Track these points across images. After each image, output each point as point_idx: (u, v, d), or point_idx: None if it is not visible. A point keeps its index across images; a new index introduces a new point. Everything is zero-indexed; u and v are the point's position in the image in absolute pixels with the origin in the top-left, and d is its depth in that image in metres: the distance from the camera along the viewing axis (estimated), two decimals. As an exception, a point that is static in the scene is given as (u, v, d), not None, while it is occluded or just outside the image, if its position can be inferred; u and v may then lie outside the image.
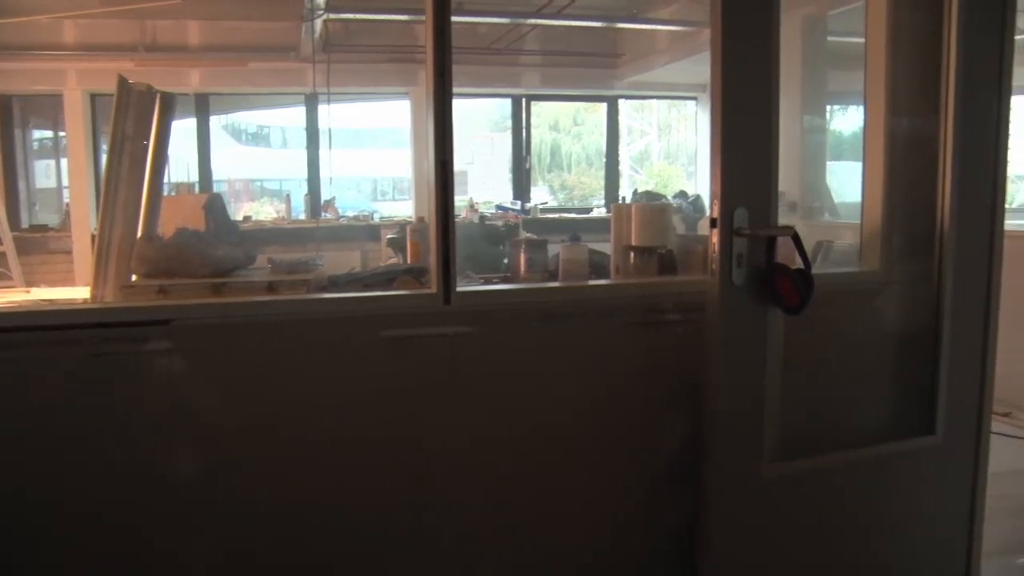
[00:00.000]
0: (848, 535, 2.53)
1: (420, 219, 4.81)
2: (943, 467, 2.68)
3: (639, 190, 8.27)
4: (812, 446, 2.45)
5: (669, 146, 12.20)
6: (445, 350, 2.21)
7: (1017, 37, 2.69)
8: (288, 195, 9.26)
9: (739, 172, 2.07)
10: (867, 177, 2.60)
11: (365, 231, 7.90)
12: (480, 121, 11.57)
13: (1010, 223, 6.59)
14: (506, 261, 3.04)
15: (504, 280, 2.83)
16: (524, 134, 9.50)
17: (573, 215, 9.26)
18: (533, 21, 7.72)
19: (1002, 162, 2.64)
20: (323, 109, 8.56)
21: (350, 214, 8.97)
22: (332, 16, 7.26)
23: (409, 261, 3.06)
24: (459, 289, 2.23)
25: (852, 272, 2.69)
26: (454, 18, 2.26)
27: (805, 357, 2.52)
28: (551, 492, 2.32)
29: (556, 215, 9.17)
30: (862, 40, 2.68)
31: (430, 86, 2.22)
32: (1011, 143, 2.71)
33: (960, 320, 2.60)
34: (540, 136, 11.76)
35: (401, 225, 4.64)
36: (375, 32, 7.99)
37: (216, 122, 9.89)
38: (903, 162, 2.60)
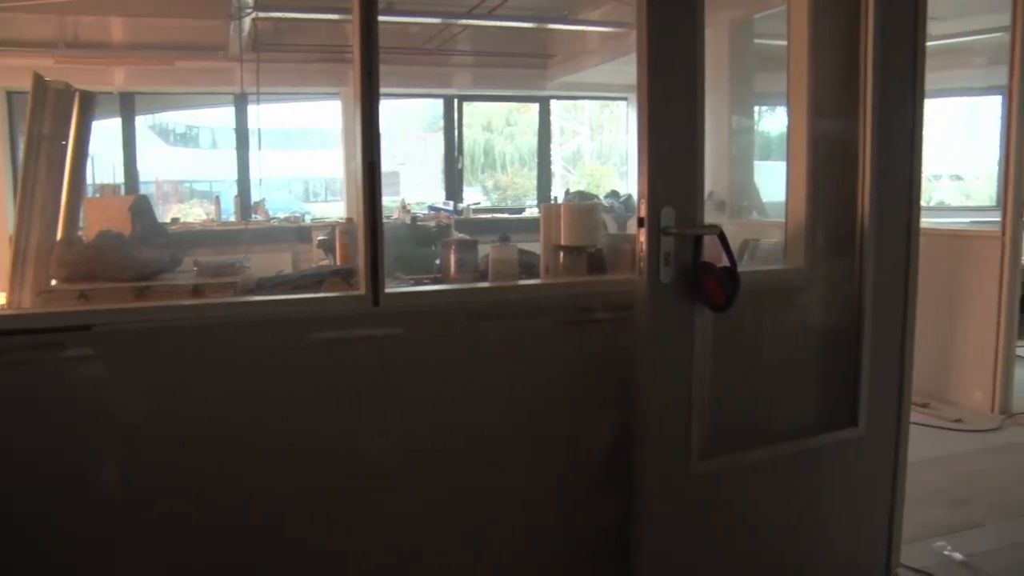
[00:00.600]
0: (776, 526, 2.58)
1: (349, 220, 4.76)
2: (865, 458, 2.75)
3: (571, 190, 8.33)
4: (741, 441, 2.49)
5: (601, 146, 12.31)
6: (375, 352, 2.19)
7: (929, 44, 2.78)
8: (218, 197, 9.10)
9: (665, 172, 2.09)
10: (791, 177, 2.65)
11: (296, 233, 7.78)
12: (412, 121, 11.53)
13: (926, 221, 6.79)
14: (437, 262, 3.03)
15: (435, 281, 2.83)
16: (456, 134, 9.48)
17: (506, 215, 9.28)
18: (464, 22, 7.70)
19: (917, 162, 2.72)
20: (253, 109, 8.42)
21: (281, 216, 8.84)
22: (261, 15, 7.14)
23: (338, 263, 3.03)
24: (388, 290, 2.21)
25: (777, 270, 2.74)
26: (383, 18, 2.24)
27: (733, 354, 2.56)
28: (483, 493, 2.32)
29: (489, 215, 9.17)
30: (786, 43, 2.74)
31: (357, 87, 2.20)
32: (927, 144, 2.80)
33: (880, 315, 2.67)
34: (473, 136, 11.76)
35: (332, 226, 4.59)
36: (305, 31, 7.88)
37: (142, 122, 9.65)
38: (825, 162, 2.66)
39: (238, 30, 7.28)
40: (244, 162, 8.83)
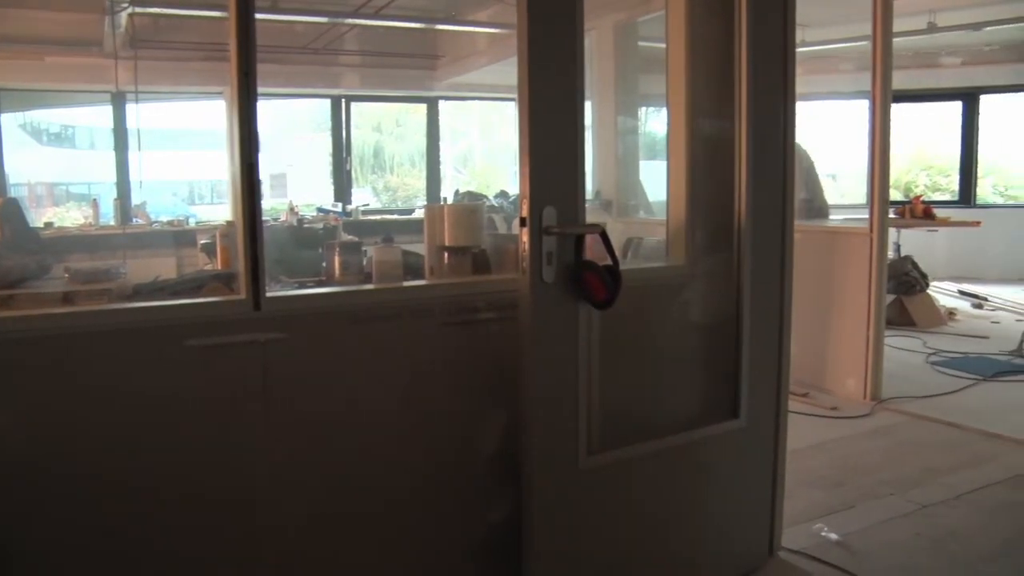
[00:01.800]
0: (664, 515, 2.64)
1: (230, 223, 4.64)
2: (747, 447, 2.85)
3: (460, 190, 8.34)
4: (629, 436, 2.54)
5: (492, 146, 12.36)
6: (257, 357, 2.13)
7: (802, 50, 2.90)
8: (96, 200, 8.71)
9: (547, 172, 2.12)
10: (671, 176, 2.72)
11: (180, 237, 7.54)
12: (300, 122, 11.31)
13: (803, 219, 7.03)
14: (324, 264, 2.98)
15: (319, 284, 2.78)
16: (344, 135, 9.36)
17: (396, 216, 9.22)
18: (351, 21, 7.62)
19: (790, 162, 2.83)
20: (132, 109, 8.11)
21: (164, 219, 8.54)
22: (138, 10, 6.88)
23: (219, 266, 2.95)
24: (270, 294, 2.16)
25: (659, 267, 2.81)
26: (266, 16, 2.18)
27: (620, 350, 2.61)
28: (372, 495, 2.29)
29: (379, 217, 9.09)
30: (667, 46, 2.82)
31: (234, 86, 2.14)
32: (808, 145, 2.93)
33: (758, 310, 2.77)
34: (362, 137, 11.62)
35: (216, 230, 4.46)
36: (185, 29, 7.64)
37: (11, 120, 9.16)
38: (704, 162, 2.75)
39: (113, 25, 6.99)
40: (124, 164, 8.50)
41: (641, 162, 5.86)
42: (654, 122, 6.96)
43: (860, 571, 2.94)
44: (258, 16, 2.15)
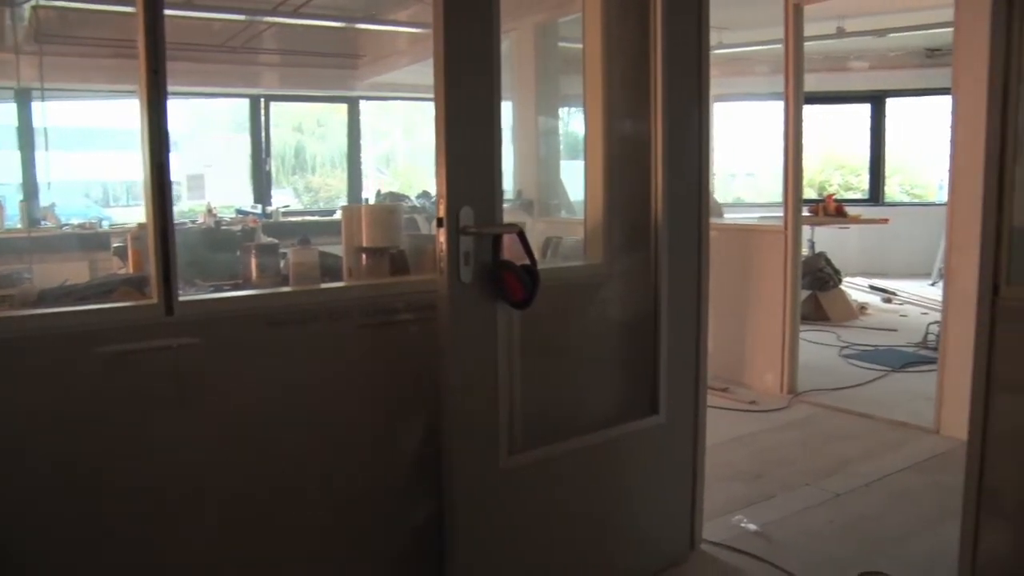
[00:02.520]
0: (587, 512, 2.67)
1: (141, 226, 4.51)
2: (667, 443, 2.90)
3: (382, 191, 8.27)
4: (551, 434, 2.56)
5: (414, 147, 12.28)
6: (170, 363, 2.08)
7: (720, 52, 2.96)
8: (0, 202, 8.36)
9: (464, 172, 2.12)
10: (588, 176, 2.75)
11: (92, 240, 7.28)
12: (219, 122, 11.07)
13: (725, 216, 7.16)
14: (241, 267, 2.93)
15: (235, 287, 2.73)
16: (264, 135, 9.20)
17: (317, 218, 9.09)
18: (269, 19, 7.48)
19: (705, 161, 2.89)
20: (38, 106, 7.81)
21: (75, 222, 8.25)
22: (42, 3, 6.63)
23: (131, 270, 2.87)
24: (183, 298, 2.11)
25: (577, 266, 2.84)
26: (178, 12, 2.12)
27: (541, 349, 2.63)
28: (291, 504, 2.26)
29: (300, 218, 8.95)
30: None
31: (143, 85, 2.09)
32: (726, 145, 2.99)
33: (675, 307, 2.82)
34: (283, 137, 11.42)
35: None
36: (95, 24, 7.39)
37: None
38: (621, 161, 2.78)
39: (15, 18, 6.72)
40: (30, 164, 8.18)
41: (563, 162, 5.90)
42: (576, 122, 7.01)
43: (778, 559, 3.02)
44: (170, 13, 2.10)
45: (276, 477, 2.23)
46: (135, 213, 10.01)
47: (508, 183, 5.50)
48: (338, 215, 8.60)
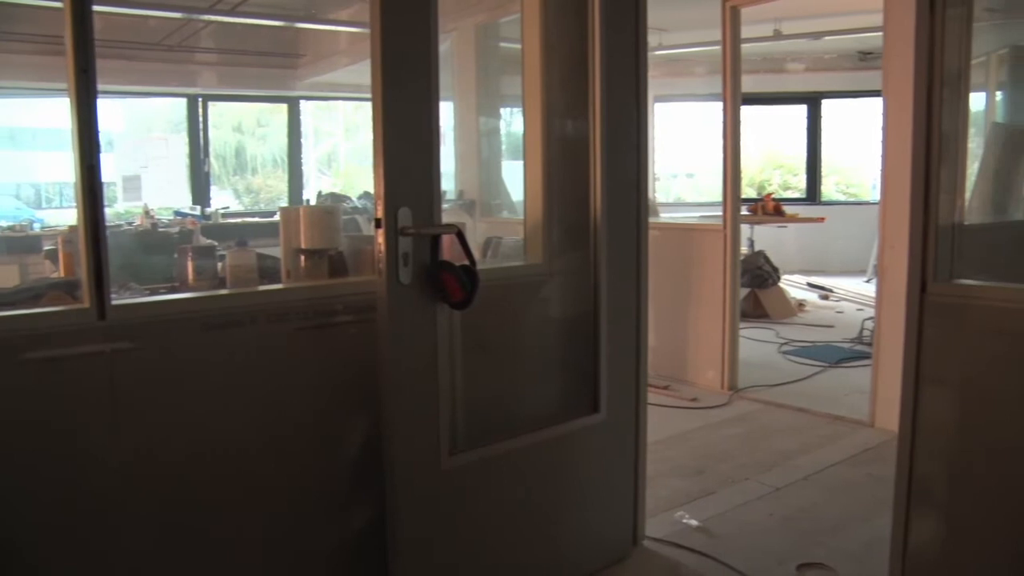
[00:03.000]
0: (530, 511, 2.67)
1: (73, 228, 4.41)
2: (609, 440, 2.92)
3: (323, 192, 8.19)
4: (493, 434, 2.56)
5: (356, 147, 12.19)
6: (103, 369, 2.04)
7: (659, 53, 3.00)
8: (-81, 203, 8.09)
9: (402, 173, 2.11)
10: (528, 176, 2.77)
11: (22, 243, 7.07)
12: (156, 122, 10.84)
13: (665, 216, 7.26)
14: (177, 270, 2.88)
15: (171, 290, 2.69)
16: (202, 136, 9.05)
17: (258, 219, 8.97)
18: (207, 17, 7.35)
19: (643, 160, 2.92)
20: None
21: (3, 224, 8.01)
22: (-38, -4, 6.42)
23: (63, 274, 2.80)
24: (116, 302, 2.07)
25: (517, 266, 2.85)
26: (110, 9, 2.08)
27: (482, 349, 2.63)
28: (232, 505, 2.23)
29: (240, 220, 8.82)
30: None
31: (71, 84, 2.04)
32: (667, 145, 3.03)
33: (615, 305, 2.84)
34: (223, 138, 11.25)
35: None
36: (20, 18, 7.18)
37: None
38: (560, 161, 2.80)
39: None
40: (-44, 165, 7.93)
41: (505, 162, 5.91)
42: (517, 122, 7.03)
43: (719, 554, 3.06)
44: (100, 9, 2.05)
45: (213, 483, 2.20)
46: (69, 215, 9.76)
47: (450, 183, 5.49)
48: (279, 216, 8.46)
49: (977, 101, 4.31)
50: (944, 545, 2.30)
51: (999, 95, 4.41)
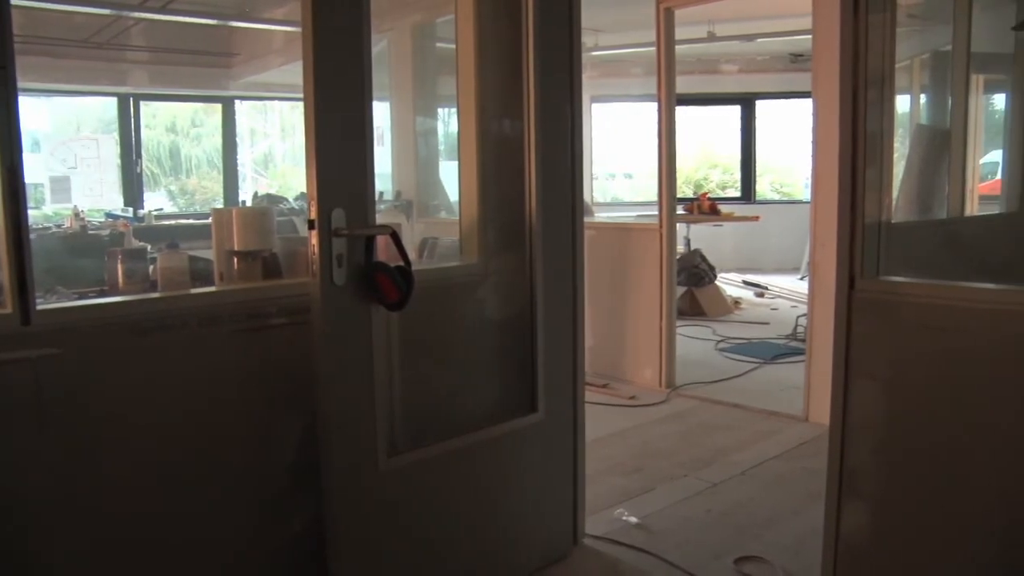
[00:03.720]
0: (469, 511, 2.67)
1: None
2: (547, 440, 2.93)
3: (260, 193, 8.08)
4: (431, 435, 2.55)
5: (293, 148, 12.04)
6: (28, 376, 1.98)
7: (596, 53, 3.02)
8: None
9: (335, 174, 2.09)
10: (463, 176, 2.76)
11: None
12: (85, 122, 10.57)
13: (601, 215, 7.30)
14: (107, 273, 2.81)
15: (101, 293, 2.62)
16: (134, 136, 8.84)
17: (193, 221, 8.79)
18: (137, 15, 7.19)
19: (578, 161, 2.94)
20: None
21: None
22: None
23: (-16, 279, 2.70)
24: (41, 307, 2.01)
25: (453, 266, 2.85)
26: (28, 3, 2.01)
27: (420, 350, 2.62)
28: (166, 515, 2.18)
29: (175, 221, 8.64)
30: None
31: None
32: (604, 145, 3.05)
33: (551, 305, 2.86)
34: (156, 138, 11.01)
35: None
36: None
37: None
38: (495, 161, 2.80)
39: None
40: None
41: (443, 162, 5.90)
42: (455, 122, 7.02)
43: (658, 550, 3.09)
44: (21, 3, 1.99)
45: (147, 490, 2.15)
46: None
47: (387, 184, 5.46)
48: (214, 218, 8.29)
49: (903, 103, 4.44)
50: (874, 535, 2.36)
51: (923, 97, 4.54)
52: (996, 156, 4.63)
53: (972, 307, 2.17)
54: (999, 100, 4.63)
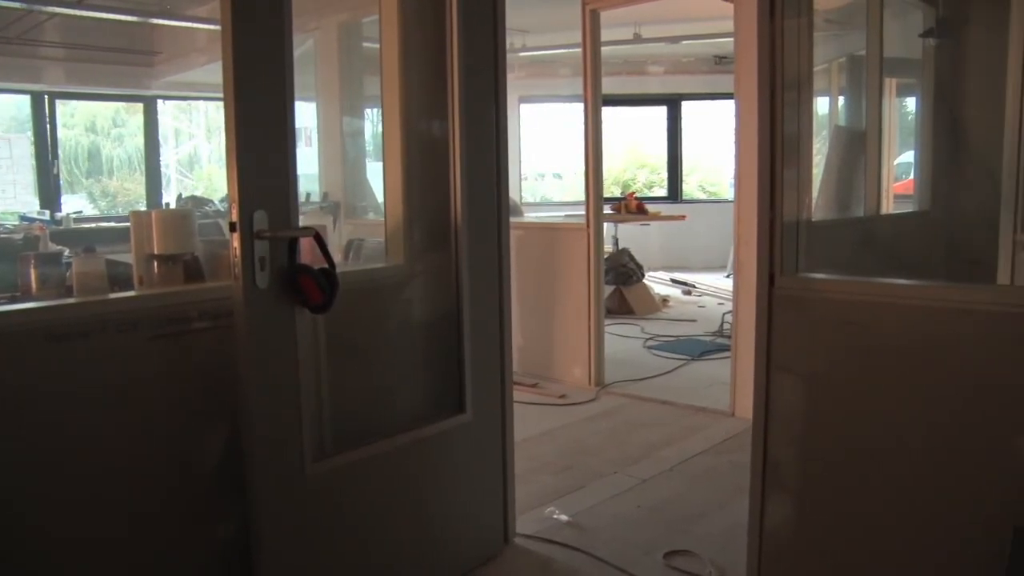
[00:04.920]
0: (399, 514, 2.66)
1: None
2: (475, 440, 2.93)
3: (183, 195, 7.91)
4: (360, 438, 2.53)
5: (220, 149, 11.82)
6: (-67, 386, 1.90)
7: (523, 54, 3.03)
8: None
9: (256, 175, 2.05)
10: (388, 177, 2.75)
11: None
12: (-4, 120, 10.21)
13: (531, 215, 7.32)
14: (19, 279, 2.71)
15: (13, 299, 2.53)
16: (49, 136, 8.56)
17: (114, 224, 8.56)
18: (51, 9, 6.96)
19: (504, 160, 2.95)
20: None
21: None
22: None
23: None
24: (-53, 314, 1.93)
25: (378, 268, 2.83)
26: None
27: (347, 352, 2.59)
28: (84, 530, 2.11)
29: (95, 224, 8.40)
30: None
31: None
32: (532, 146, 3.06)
33: (478, 305, 2.86)
34: (75, 138, 10.70)
35: None
36: None
37: None
38: (420, 162, 2.79)
39: None
40: None
41: (371, 163, 5.85)
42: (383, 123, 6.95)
43: (588, 547, 3.12)
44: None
45: (61, 504, 2.08)
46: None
47: (315, 186, 5.39)
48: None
49: (823, 105, 4.57)
50: (796, 526, 2.42)
51: (841, 100, 4.67)
52: (910, 157, 4.79)
53: (886, 302, 2.24)
54: (911, 103, 4.79)
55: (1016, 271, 3.37)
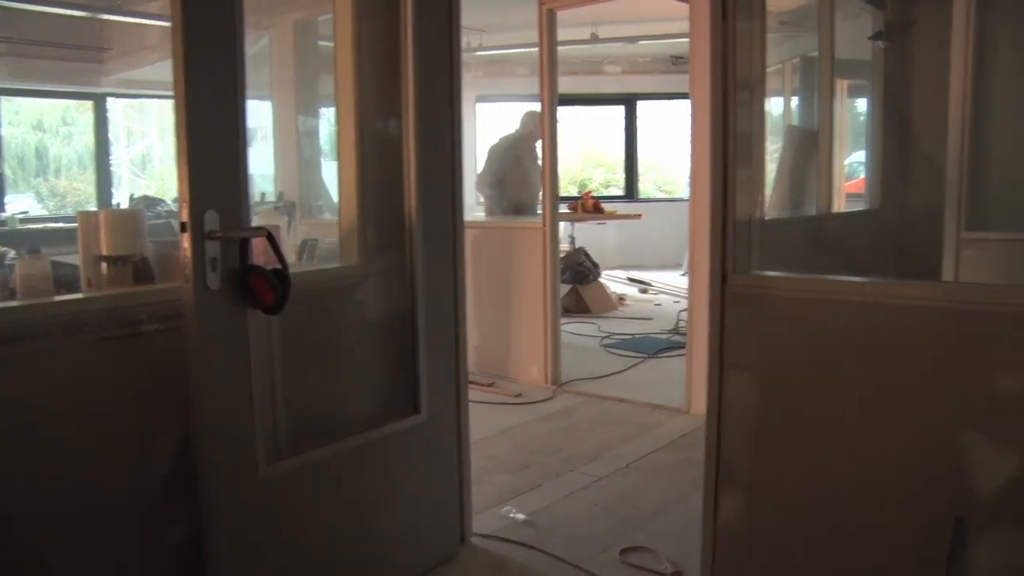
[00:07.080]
0: (354, 515, 2.64)
1: None
2: (430, 441, 2.92)
3: (136, 195, 7.77)
4: (315, 439, 2.51)
5: (172, 148, 11.65)
6: None
7: (480, 53, 3.03)
8: None
9: (207, 175, 2.03)
10: (342, 176, 2.73)
11: None
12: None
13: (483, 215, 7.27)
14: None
15: (-45, 303, 2.46)
16: (-7, 134, 8.36)
17: (63, 224, 8.38)
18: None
19: (458, 161, 2.94)
20: None
21: None
22: None
23: None
24: None
25: (332, 268, 2.81)
26: None
27: (302, 353, 2.57)
28: (31, 536, 2.07)
29: (42, 225, 8.22)
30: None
31: None
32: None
33: (432, 306, 2.85)
34: (21, 136, 10.46)
35: None
36: None
37: None
38: (374, 162, 2.78)
39: None
40: None
41: (327, 162, 5.81)
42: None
43: (545, 545, 3.13)
44: None
45: (7, 512, 2.03)
46: None
47: (270, 185, 5.33)
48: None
49: (777, 105, 4.63)
50: (748, 522, 2.46)
51: (795, 100, 4.74)
52: (861, 156, 4.88)
53: (835, 299, 2.28)
54: (862, 104, 4.88)
55: (960, 268, 3.45)
